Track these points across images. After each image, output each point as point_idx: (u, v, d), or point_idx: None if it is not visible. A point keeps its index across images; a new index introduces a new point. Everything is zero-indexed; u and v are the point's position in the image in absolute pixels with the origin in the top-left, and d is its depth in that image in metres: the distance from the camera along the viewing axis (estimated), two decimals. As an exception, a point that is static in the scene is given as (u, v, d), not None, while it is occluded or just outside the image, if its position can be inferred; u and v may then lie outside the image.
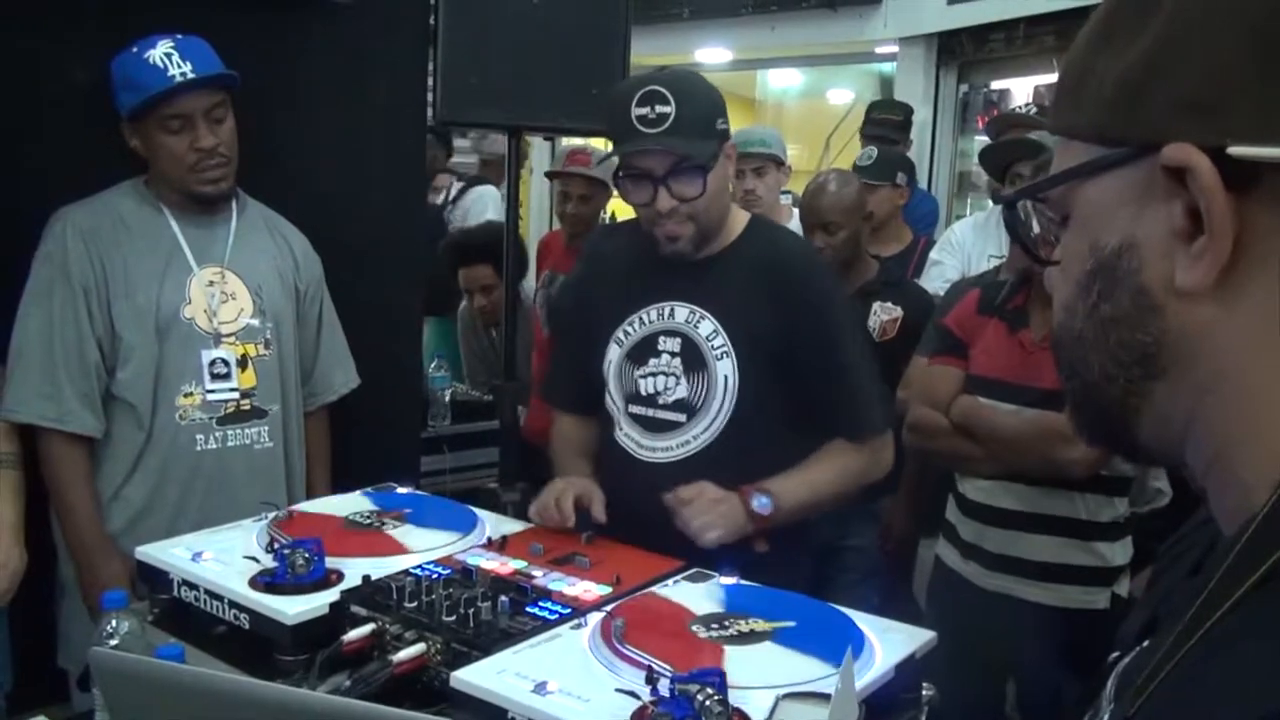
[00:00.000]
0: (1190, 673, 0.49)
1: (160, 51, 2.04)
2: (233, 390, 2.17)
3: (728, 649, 1.34)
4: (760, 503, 1.79)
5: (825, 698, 1.11)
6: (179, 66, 2.04)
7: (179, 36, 2.08)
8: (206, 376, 2.14)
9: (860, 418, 1.93)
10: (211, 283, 2.17)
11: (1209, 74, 0.51)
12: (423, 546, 1.69)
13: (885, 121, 4.34)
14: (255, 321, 2.22)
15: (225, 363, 2.16)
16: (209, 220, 2.21)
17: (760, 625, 1.42)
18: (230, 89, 2.14)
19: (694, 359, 1.90)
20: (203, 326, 2.14)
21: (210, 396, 2.14)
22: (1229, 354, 0.53)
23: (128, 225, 2.11)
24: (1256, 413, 0.53)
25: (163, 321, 2.10)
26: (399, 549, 1.68)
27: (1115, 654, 0.67)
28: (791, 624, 1.43)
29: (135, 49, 2.05)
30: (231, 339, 2.18)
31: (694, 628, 1.41)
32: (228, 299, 2.19)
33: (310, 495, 2.37)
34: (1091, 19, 0.59)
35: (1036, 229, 0.67)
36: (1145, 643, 0.62)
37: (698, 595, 1.55)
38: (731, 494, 1.80)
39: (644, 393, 1.94)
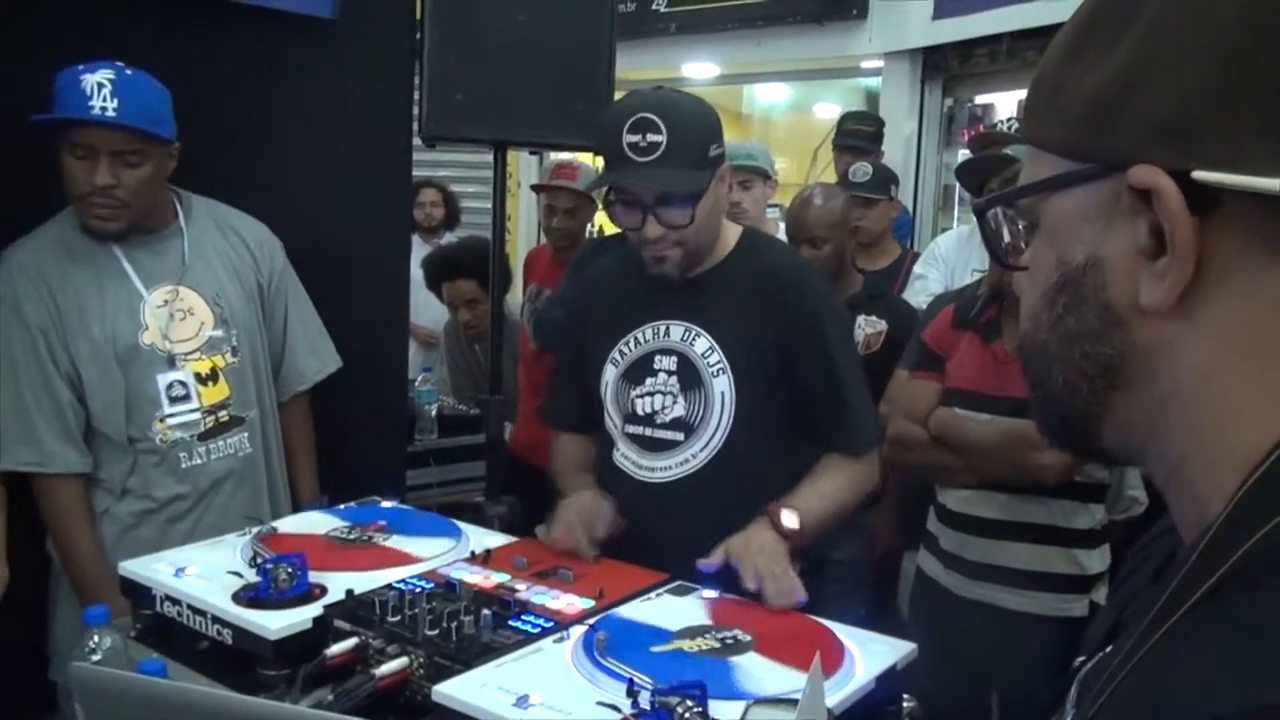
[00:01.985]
0: (1143, 677, 0.51)
1: (97, 78, 1.95)
2: (194, 410, 2.14)
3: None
4: (789, 518, 1.75)
5: (794, 704, 1.12)
6: (105, 100, 1.94)
7: (129, 71, 2.00)
8: (164, 401, 2.10)
9: (855, 431, 1.92)
10: (165, 302, 2.12)
11: (1179, 99, 0.52)
12: (407, 560, 1.69)
13: (857, 132, 4.38)
14: (218, 332, 2.18)
15: (183, 384, 2.12)
16: (154, 239, 2.16)
17: (742, 638, 1.43)
18: (159, 139, 2.04)
19: (690, 377, 1.89)
20: (160, 350, 2.11)
21: (172, 420, 2.11)
22: (1188, 371, 0.55)
23: (74, 258, 2.06)
24: (1213, 428, 0.54)
25: (122, 353, 2.06)
26: (382, 562, 1.68)
27: (1081, 659, 0.68)
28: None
29: (81, 67, 1.97)
30: (195, 355, 2.15)
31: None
32: (185, 315, 2.15)
33: (295, 490, 2.37)
34: (1065, 29, 0.60)
35: (1007, 237, 0.68)
36: (1108, 648, 0.63)
37: (681, 608, 1.56)
38: (759, 528, 1.74)
39: (641, 412, 1.93)
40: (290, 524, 1.88)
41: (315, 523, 1.87)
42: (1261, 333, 0.52)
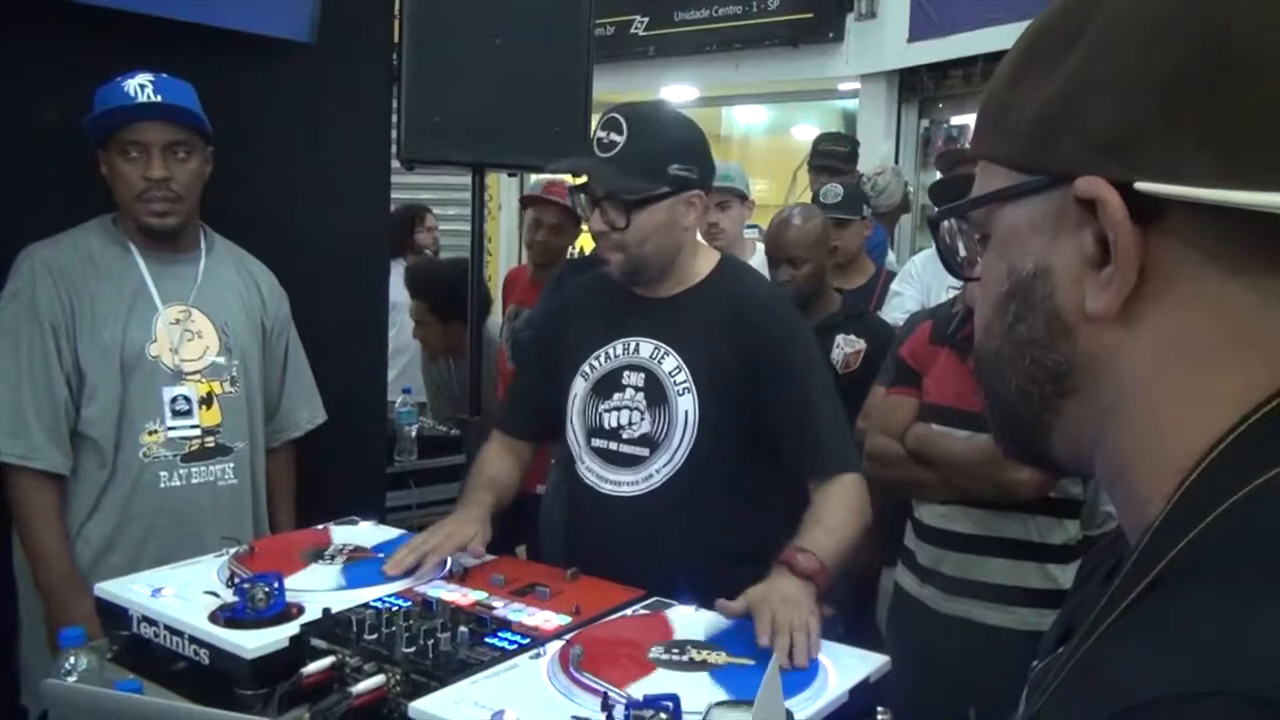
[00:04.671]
0: (1079, 674, 0.53)
1: (137, 81, 2.07)
2: (194, 427, 2.17)
3: (684, 675, 1.36)
4: (806, 560, 1.66)
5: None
6: (150, 96, 2.06)
7: (163, 75, 2.10)
8: (167, 413, 2.14)
9: (828, 457, 1.85)
10: (177, 320, 2.17)
11: (1119, 116, 0.54)
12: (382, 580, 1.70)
13: (832, 153, 4.40)
14: (221, 359, 2.22)
15: (187, 399, 2.16)
16: (176, 258, 2.22)
17: (716, 654, 1.44)
18: (201, 133, 2.15)
19: (656, 394, 1.92)
20: (167, 364, 2.15)
21: (171, 434, 2.14)
22: (1131, 377, 0.57)
23: (95, 263, 2.12)
24: (1153, 433, 0.56)
25: (127, 360, 2.10)
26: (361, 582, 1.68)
27: (1036, 661, 0.70)
28: (748, 654, 1.45)
29: (118, 78, 2.08)
30: (196, 376, 2.18)
31: (653, 654, 1.42)
32: (194, 337, 2.19)
33: (274, 530, 2.37)
34: (1013, 49, 0.62)
35: (962, 250, 0.70)
36: (1060, 649, 0.64)
37: (658, 624, 1.57)
38: (780, 575, 1.63)
39: (607, 426, 1.95)
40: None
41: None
42: (1200, 340, 0.54)
